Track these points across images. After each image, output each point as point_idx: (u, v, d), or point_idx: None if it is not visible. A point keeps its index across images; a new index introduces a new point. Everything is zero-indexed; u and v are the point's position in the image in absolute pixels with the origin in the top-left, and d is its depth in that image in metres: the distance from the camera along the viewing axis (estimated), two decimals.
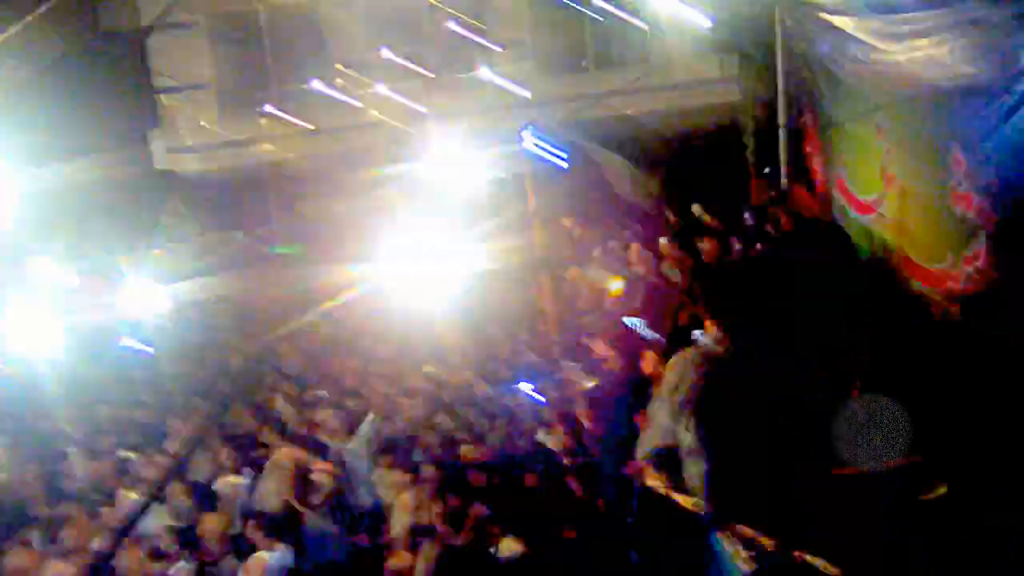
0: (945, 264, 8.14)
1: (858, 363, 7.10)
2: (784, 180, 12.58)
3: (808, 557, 4.34)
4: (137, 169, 17.63)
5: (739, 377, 4.89)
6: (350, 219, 12.49)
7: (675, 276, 10.22)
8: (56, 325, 11.09)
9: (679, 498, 5.37)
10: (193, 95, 17.52)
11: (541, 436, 9.97)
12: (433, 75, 16.83)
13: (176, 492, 10.01)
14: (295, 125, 17.13)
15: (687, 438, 5.00)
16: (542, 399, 10.59)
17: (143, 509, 9.59)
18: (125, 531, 9.26)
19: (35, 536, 9.48)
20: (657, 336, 8.17)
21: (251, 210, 17.71)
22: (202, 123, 17.53)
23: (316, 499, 9.38)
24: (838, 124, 10.51)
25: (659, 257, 10.86)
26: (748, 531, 4.69)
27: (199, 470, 10.76)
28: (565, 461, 9.27)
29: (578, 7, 16.88)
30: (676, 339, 7.59)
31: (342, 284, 11.12)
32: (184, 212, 17.86)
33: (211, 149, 17.52)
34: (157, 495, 9.91)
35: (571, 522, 8.24)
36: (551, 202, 12.37)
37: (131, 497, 9.81)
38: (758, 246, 9.68)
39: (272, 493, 9.89)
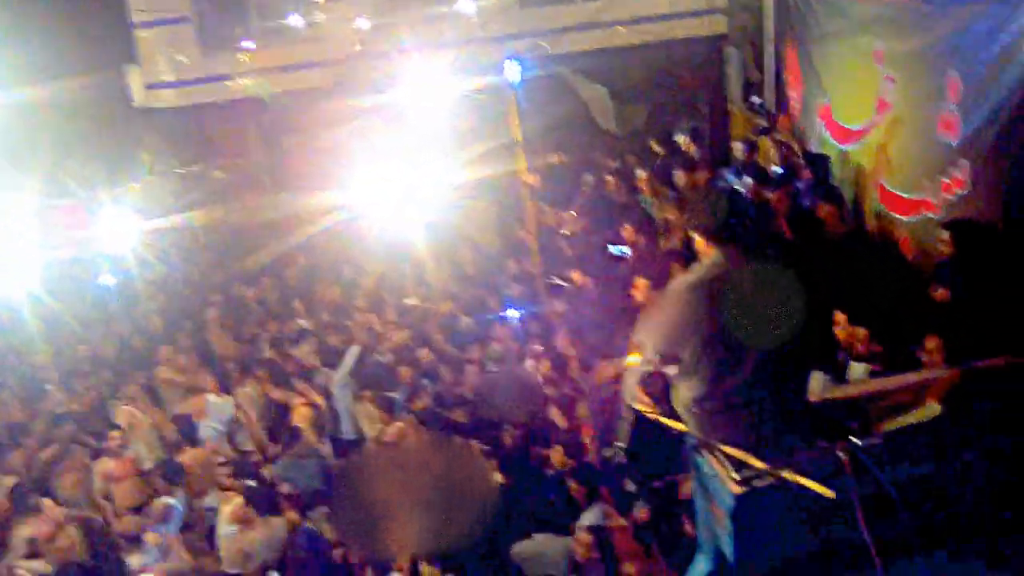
0: (922, 192, 8.11)
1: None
2: (772, 110, 12.49)
3: (799, 478, 4.28)
4: (114, 103, 17.34)
5: (738, 300, 4.80)
6: (332, 150, 12.30)
7: (654, 205, 10.13)
8: (33, 259, 10.94)
9: (668, 422, 5.32)
10: (170, 29, 17.18)
11: (526, 366, 9.94)
12: (415, 7, 16.53)
13: (158, 423, 10.00)
14: (275, 59, 16.85)
15: (683, 362, 4.91)
16: (526, 330, 10.54)
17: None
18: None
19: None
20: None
21: (231, 145, 17.48)
22: (180, 58, 17.22)
23: (299, 429, 9.32)
24: (826, 50, 10.40)
25: (638, 187, 10.77)
26: (737, 453, 4.63)
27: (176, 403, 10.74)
28: (549, 392, 9.25)
29: None
30: (662, 266, 7.55)
31: (323, 210, 10.93)
32: (163, 147, 17.61)
33: (190, 84, 17.19)
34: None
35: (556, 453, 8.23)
36: (535, 133, 12.20)
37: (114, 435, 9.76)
38: (748, 181, 9.60)
39: (245, 429, 9.95)
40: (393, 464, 7.40)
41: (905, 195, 8.50)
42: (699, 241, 5.02)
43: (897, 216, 8.72)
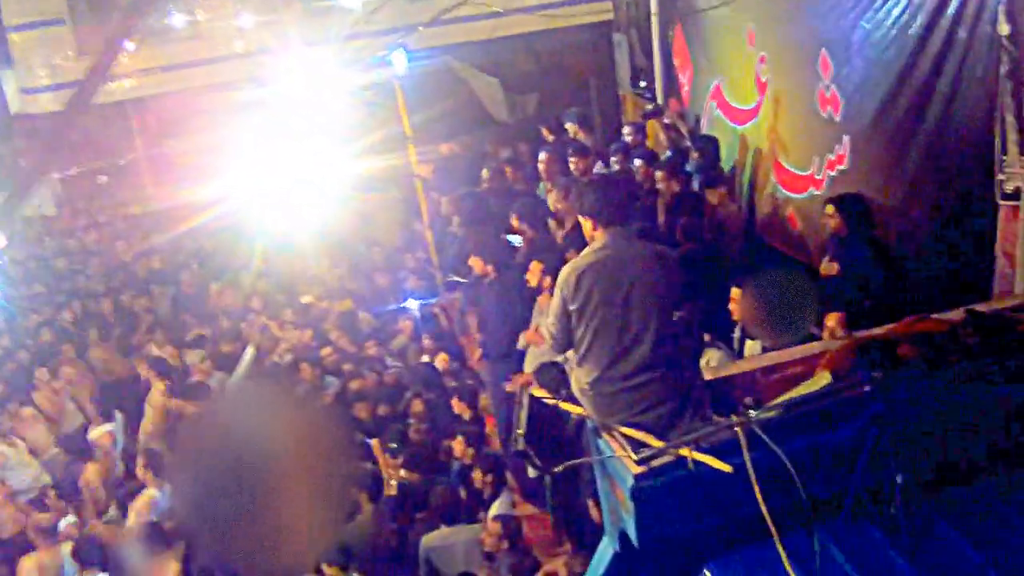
0: (811, 169, 8.27)
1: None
2: (660, 94, 12.60)
3: (697, 455, 4.31)
4: None
5: (628, 283, 4.84)
6: (216, 149, 12.03)
7: (548, 191, 10.12)
8: None
9: (566, 407, 5.33)
10: (45, 31, 16.63)
11: (425, 360, 9.88)
12: (298, 3, 16.29)
13: (47, 446, 9.71)
14: (156, 59, 16.42)
15: (578, 346, 4.93)
16: (425, 322, 10.48)
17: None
18: None
19: None
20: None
21: (116, 150, 16.99)
22: (58, 61, 16.68)
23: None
24: (711, 31, 10.52)
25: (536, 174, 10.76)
26: (635, 434, 4.65)
27: (69, 421, 10.42)
28: (450, 383, 9.20)
29: None
30: (557, 253, 7.56)
31: (209, 207, 10.67)
32: (43, 155, 17.03)
33: (69, 88, 16.66)
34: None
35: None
36: (426, 125, 12.13)
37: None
38: (637, 163, 9.64)
39: (152, 433, 9.66)
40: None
41: (798, 172, 8.65)
42: (587, 225, 5.05)
43: (788, 194, 8.87)
